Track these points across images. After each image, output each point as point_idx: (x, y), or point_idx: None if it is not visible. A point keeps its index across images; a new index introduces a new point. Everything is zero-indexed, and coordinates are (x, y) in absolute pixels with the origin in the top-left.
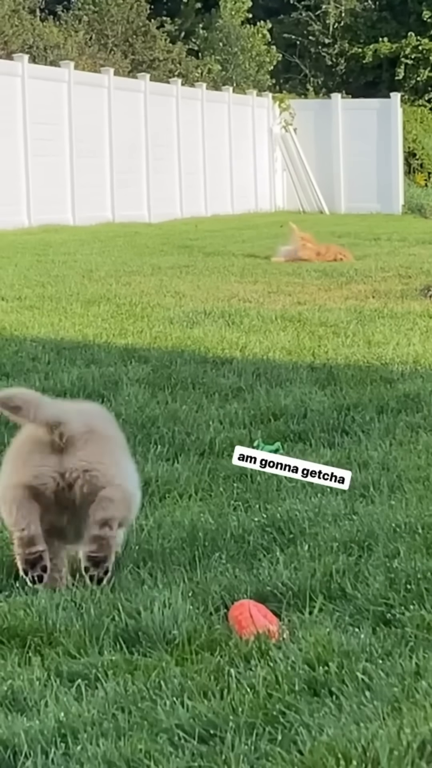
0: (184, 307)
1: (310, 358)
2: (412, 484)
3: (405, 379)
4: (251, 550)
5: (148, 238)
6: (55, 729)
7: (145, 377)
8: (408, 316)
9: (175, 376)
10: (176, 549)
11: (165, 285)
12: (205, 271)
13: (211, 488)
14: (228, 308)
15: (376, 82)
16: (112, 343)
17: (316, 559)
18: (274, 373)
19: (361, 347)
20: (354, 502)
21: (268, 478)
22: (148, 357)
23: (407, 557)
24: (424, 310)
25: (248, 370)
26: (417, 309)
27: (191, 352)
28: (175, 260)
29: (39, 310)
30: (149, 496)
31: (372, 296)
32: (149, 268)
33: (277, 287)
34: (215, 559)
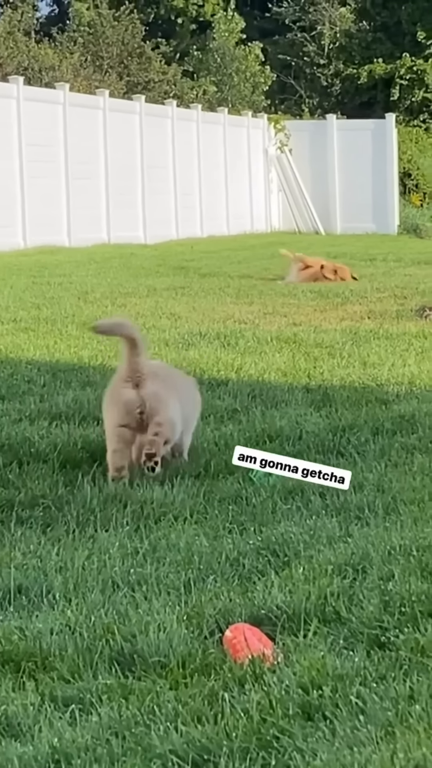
0: (180, 329)
1: (306, 379)
2: (407, 506)
3: (400, 400)
4: (246, 573)
5: (143, 260)
6: (48, 755)
7: None
8: (403, 336)
9: None
10: (171, 572)
11: (160, 306)
12: (201, 292)
13: (207, 511)
14: (223, 329)
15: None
16: (108, 366)
17: (310, 582)
18: (270, 395)
19: (356, 368)
20: (349, 524)
21: (264, 500)
22: None
23: (402, 580)
24: (419, 331)
25: (243, 391)
26: (412, 330)
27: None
28: (170, 281)
29: (34, 332)
30: (144, 519)
31: (367, 317)
32: (145, 290)
33: (273, 308)
34: (210, 582)
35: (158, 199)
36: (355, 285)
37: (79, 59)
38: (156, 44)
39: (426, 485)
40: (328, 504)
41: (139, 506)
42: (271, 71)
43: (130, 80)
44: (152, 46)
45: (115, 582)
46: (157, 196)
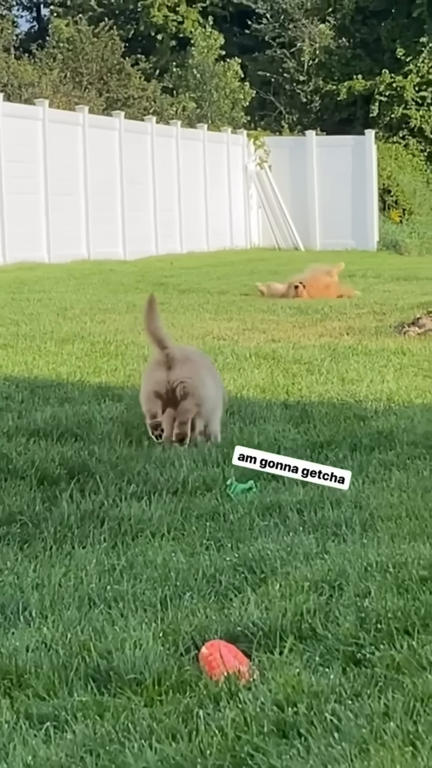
0: None
1: (284, 395)
2: (384, 523)
3: (378, 416)
4: (223, 590)
5: (123, 276)
6: None
7: (119, 416)
8: (382, 353)
9: None
10: (148, 589)
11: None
12: (180, 308)
13: (184, 527)
14: (202, 346)
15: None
16: (86, 382)
17: (287, 599)
18: (248, 411)
19: (334, 384)
20: (326, 540)
21: (241, 517)
22: (122, 395)
23: (378, 596)
24: (398, 347)
25: None
26: (391, 346)
27: None
28: None
29: (13, 348)
30: (121, 535)
31: (346, 333)
32: (124, 306)
33: (252, 324)
34: (187, 599)
35: (138, 216)
36: (334, 301)
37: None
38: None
39: (403, 501)
40: (306, 520)
41: (116, 523)
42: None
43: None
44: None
45: (92, 599)
46: (137, 213)
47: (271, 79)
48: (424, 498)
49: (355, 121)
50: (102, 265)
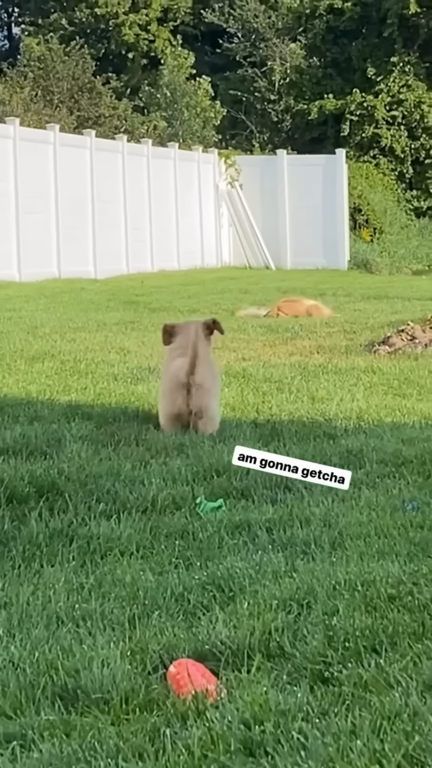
0: (129, 364)
1: (254, 414)
2: (353, 541)
3: (348, 434)
4: (191, 609)
5: (93, 294)
6: None
7: (89, 434)
8: (352, 371)
9: (119, 433)
10: (116, 607)
11: (110, 341)
12: (151, 327)
13: (153, 546)
14: None
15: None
16: (56, 400)
17: (255, 617)
18: (218, 430)
19: (304, 403)
20: (295, 559)
21: (210, 535)
22: (92, 414)
23: (346, 615)
24: (368, 366)
25: None
26: (361, 365)
27: (135, 409)
28: (120, 316)
29: None
30: (90, 554)
31: (317, 352)
32: (94, 324)
33: (222, 343)
34: (155, 618)
35: (108, 234)
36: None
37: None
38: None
39: (372, 520)
40: (275, 539)
41: (85, 541)
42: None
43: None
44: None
45: (60, 617)
46: (108, 231)
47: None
48: (393, 516)
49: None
50: (73, 283)
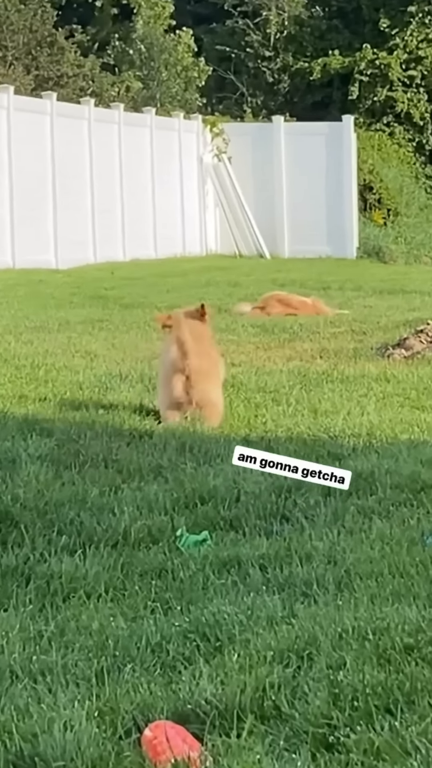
0: (96, 370)
1: (245, 430)
2: (362, 581)
3: (357, 455)
4: (170, 661)
5: (54, 288)
6: None
7: (49, 453)
8: (361, 379)
9: (84, 453)
10: (81, 660)
11: (74, 343)
12: (122, 326)
13: (125, 586)
14: (148, 371)
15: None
16: (9, 413)
17: (246, 672)
18: (202, 449)
19: (305, 417)
20: (293, 602)
21: (193, 574)
22: (52, 429)
23: (354, 669)
24: (380, 373)
25: (171, 444)
26: (372, 371)
27: (103, 424)
28: (86, 314)
29: None
30: (50, 596)
31: (319, 356)
32: (55, 323)
33: None
34: (127, 672)
35: (72, 216)
36: (305, 318)
37: None
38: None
39: (386, 556)
40: (270, 578)
41: (44, 581)
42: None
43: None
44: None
45: (14, 672)
46: (71, 213)
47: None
48: (410, 552)
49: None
50: (30, 274)
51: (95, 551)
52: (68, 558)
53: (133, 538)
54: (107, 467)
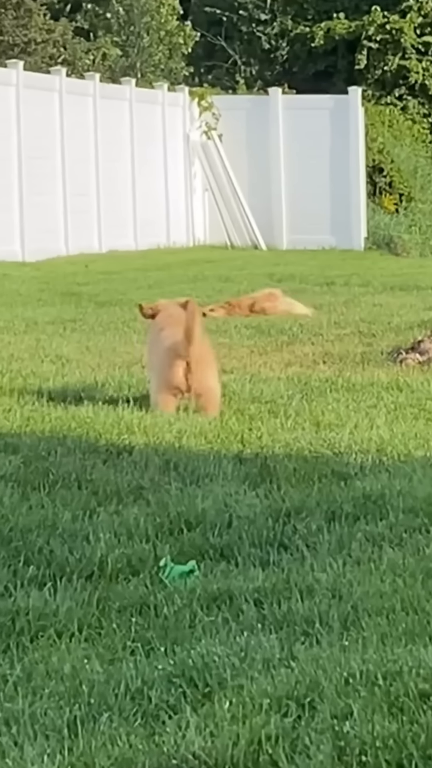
0: (68, 377)
1: (238, 445)
2: (371, 618)
3: (365, 474)
4: (152, 710)
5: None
6: None
7: (14, 473)
8: (370, 388)
9: (55, 471)
10: (52, 708)
11: (43, 346)
12: (98, 327)
13: (101, 624)
14: (127, 378)
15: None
16: None
17: (239, 722)
18: (189, 467)
19: (306, 431)
20: (293, 642)
21: (179, 609)
22: (18, 445)
23: (362, 719)
24: (391, 381)
25: (153, 462)
26: (382, 379)
27: (76, 439)
28: (57, 312)
29: None
30: (16, 635)
31: (322, 361)
32: (21, 324)
33: None
34: (104, 722)
35: (41, 202)
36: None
37: None
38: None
39: (398, 590)
40: (266, 615)
41: (9, 618)
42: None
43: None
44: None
45: None
46: (40, 198)
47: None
48: (426, 585)
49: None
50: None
51: (67, 584)
52: (36, 592)
53: (110, 568)
54: (81, 488)
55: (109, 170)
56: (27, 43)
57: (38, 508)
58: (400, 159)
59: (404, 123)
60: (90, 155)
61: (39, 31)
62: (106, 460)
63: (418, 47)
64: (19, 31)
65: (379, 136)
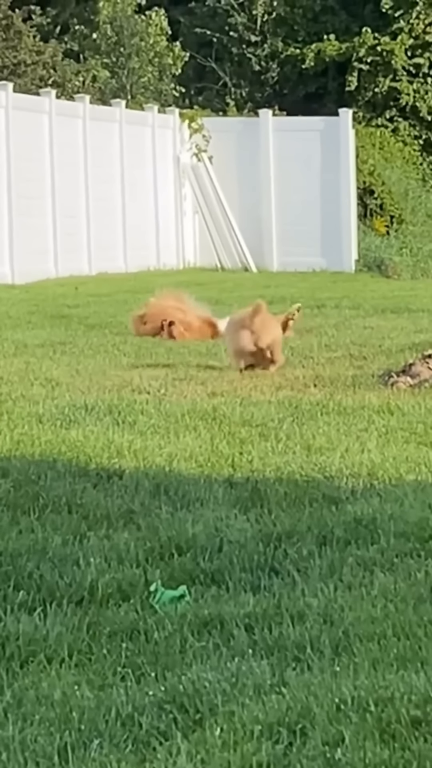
0: (58, 400)
1: (229, 469)
2: (363, 644)
3: (356, 498)
4: (143, 736)
5: (10, 305)
6: None
7: (3, 497)
8: (361, 411)
9: (45, 495)
10: (42, 734)
11: (32, 369)
12: (88, 350)
13: (91, 650)
14: (118, 402)
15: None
16: None
17: (230, 749)
18: (180, 491)
19: (297, 454)
20: (284, 668)
21: (169, 635)
22: (8, 468)
23: (354, 745)
24: (383, 404)
25: (143, 486)
26: (374, 402)
27: (66, 462)
28: (46, 335)
29: None
30: (6, 660)
31: (313, 384)
32: (11, 346)
33: (186, 373)
34: (94, 749)
35: (30, 224)
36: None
37: None
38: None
39: (389, 615)
40: (257, 641)
41: None
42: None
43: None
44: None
45: None
46: (30, 220)
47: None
48: (417, 610)
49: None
50: None
51: (57, 609)
52: (26, 617)
53: (100, 593)
54: (71, 512)
55: (98, 192)
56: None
57: (28, 533)
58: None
59: (395, 145)
60: (80, 177)
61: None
62: (96, 484)
63: (408, 69)
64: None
65: (370, 158)
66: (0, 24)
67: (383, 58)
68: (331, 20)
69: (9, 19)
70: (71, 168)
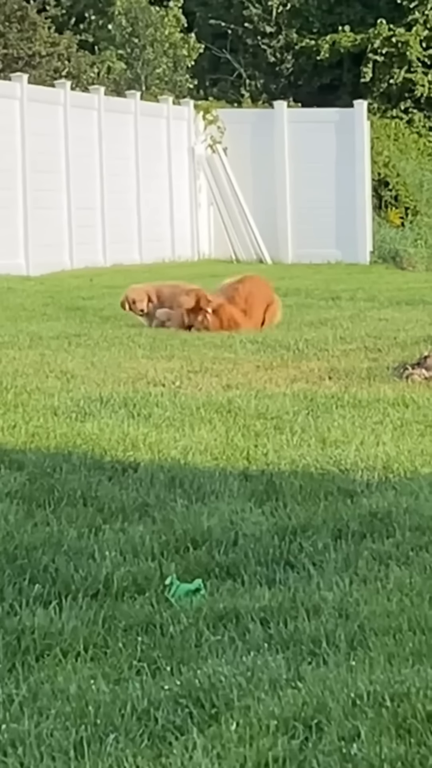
0: (74, 393)
1: (244, 462)
2: (378, 638)
3: (371, 491)
4: (159, 731)
5: (25, 297)
6: None
7: (19, 489)
8: (376, 404)
9: (60, 488)
10: (58, 728)
11: (48, 361)
12: (103, 342)
13: (107, 643)
14: (132, 394)
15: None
16: None
17: (246, 743)
18: (195, 484)
19: (312, 447)
20: (299, 663)
21: (185, 629)
22: (23, 461)
23: (370, 740)
24: (398, 397)
25: (159, 479)
26: (389, 395)
27: (81, 455)
28: (62, 327)
29: None
30: (21, 654)
31: (328, 377)
32: (26, 339)
33: (201, 365)
34: (110, 743)
35: (46, 216)
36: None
37: None
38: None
39: (405, 609)
40: (273, 635)
41: (14, 637)
42: (198, 41)
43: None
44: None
45: None
46: (45, 212)
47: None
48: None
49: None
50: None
51: (72, 602)
52: (42, 610)
53: (115, 587)
54: (86, 505)
55: (113, 184)
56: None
57: (43, 526)
58: (405, 172)
59: (410, 136)
60: (94, 169)
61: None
62: (111, 476)
63: (424, 60)
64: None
65: (385, 150)
66: (15, 15)
67: (398, 49)
68: (346, 11)
69: (24, 10)
70: (86, 160)
